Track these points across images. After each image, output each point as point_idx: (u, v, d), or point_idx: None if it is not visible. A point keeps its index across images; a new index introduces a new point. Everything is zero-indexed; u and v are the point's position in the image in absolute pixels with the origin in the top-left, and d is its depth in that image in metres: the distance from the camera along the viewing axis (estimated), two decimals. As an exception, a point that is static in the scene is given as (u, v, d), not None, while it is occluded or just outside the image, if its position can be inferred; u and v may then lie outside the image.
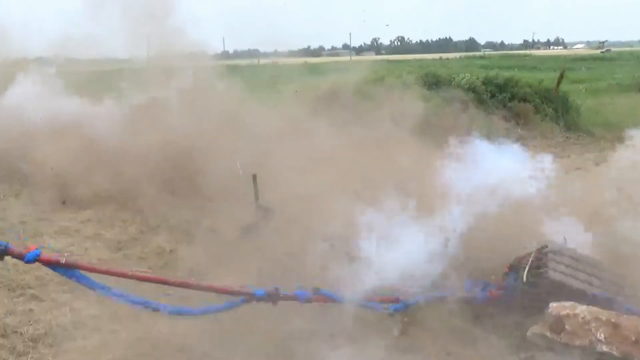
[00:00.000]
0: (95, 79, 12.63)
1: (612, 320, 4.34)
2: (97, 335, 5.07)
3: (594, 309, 4.55)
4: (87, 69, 13.61)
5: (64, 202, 9.21)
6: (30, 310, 5.60)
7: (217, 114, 10.27)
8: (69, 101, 11.57)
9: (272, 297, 4.90)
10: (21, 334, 5.10)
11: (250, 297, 4.89)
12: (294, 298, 5.01)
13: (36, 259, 4.53)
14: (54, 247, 7.44)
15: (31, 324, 5.30)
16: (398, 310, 5.25)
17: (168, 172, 9.41)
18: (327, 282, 5.43)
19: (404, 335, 5.02)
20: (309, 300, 5.04)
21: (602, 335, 4.29)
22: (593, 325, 4.34)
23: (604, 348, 4.27)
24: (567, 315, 4.44)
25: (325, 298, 5.09)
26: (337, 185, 7.64)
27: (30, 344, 4.94)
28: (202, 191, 8.57)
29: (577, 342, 4.35)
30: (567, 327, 4.41)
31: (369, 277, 5.29)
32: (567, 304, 4.61)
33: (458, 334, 4.98)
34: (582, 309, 4.49)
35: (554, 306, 4.57)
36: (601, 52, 63.97)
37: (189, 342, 4.92)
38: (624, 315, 4.45)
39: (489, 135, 13.52)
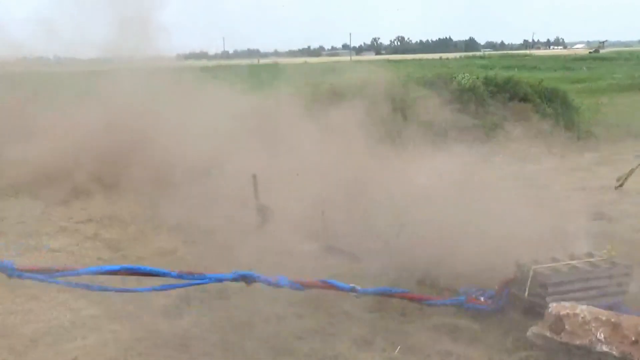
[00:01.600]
0: (78, 79, 12.61)
1: (612, 320, 4.34)
2: (97, 335, 5.06)
3: (594, 309, 4.55)
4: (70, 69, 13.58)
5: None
6: (30, 310, 5.59)
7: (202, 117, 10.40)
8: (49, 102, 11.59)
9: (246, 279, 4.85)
10: (21, 334, 5.09)
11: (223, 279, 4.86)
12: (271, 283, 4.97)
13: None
14: (53, 247, 7.45)
15: (31, 324, 5.29)
16: (365, 292, 5.28)
17: (167, 172, 9.43)
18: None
19: (405, 335, 5.01)
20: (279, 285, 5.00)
21: (602, 335, 4.29)
22: (593, 325, 4.34)
23: (604, 348, 4.27)
24: (567, 315, 4.44)
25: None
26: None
27: (30, 344, 4.93)
28: (202, 191, 8.58)
29: (577, 342, 4.34)
30: (567, 327, 4.41)
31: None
32: (567, 304, 4.61)
33: (458, 334, 4.98)
34: (582, 309, 4.49)
35: (554, 306, 4.57)
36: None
37: (189, 342, 4.92)
38: (624, 315, 4.45)
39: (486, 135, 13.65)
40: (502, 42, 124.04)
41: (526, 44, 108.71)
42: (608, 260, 5.50)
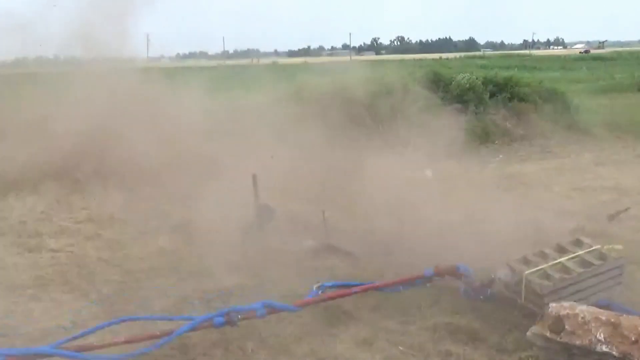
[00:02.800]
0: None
1: (612, 320, 4.34)
2: (97, 335, 5.05)
3: (594, 309, 4.55)
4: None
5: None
6: (30, 310, 5.59)
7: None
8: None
9: (231, 321, 4.85)
10: (21, 334, 5.09)
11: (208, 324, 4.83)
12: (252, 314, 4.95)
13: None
14: (53, 247, 7.44)
15: (31, 324, 5.29)
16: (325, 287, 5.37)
17: (166, 172, 9.45)
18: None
19: (405, 335, 5.02)
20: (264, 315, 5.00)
21: (602, 335, 4.29)
22: (593, 325, 4.34)
23: (604, 348, 4.26)
24: (567, 315, 4.44)
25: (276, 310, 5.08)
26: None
27: (30, 344, 4.93)
28: (202, 191, 8.58)
29: (577, 342, 4.34)
30: (566, 327, 4.40)
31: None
32: (567, 304, 4.61)
33: (458, 334, 4.98)
34: (581, 309, 4.49)
35: (554, 306, 4.57)
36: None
37: (189, 342, 4.92)
38: (624, 315, 4.45)
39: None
40: (502, 42, 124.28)
41: (526, 44, 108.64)
42: (598, 253, 5.45)
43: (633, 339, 4.21)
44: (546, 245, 5.64)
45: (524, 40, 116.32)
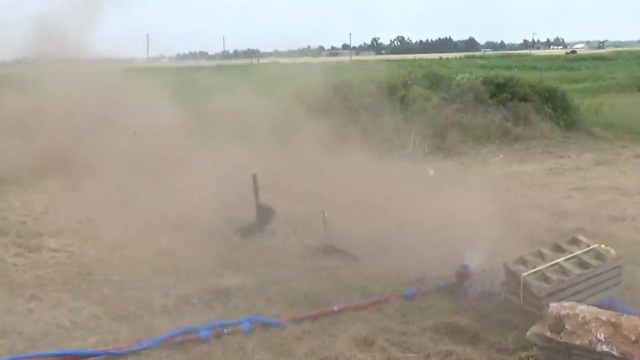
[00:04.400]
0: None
1: (612, 320, 4.33)
2: (97, 335, 5.06)
3: (594, 308, 4.55)
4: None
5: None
6: (30, 310, 5.59)
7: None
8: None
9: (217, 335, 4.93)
10: (21, 334, 5.09)
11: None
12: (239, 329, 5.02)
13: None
14: (53, 247, 7.44)
15: (31, 324, 5.28)
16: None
17: (165, 172, 9.44)
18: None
19: (405, 335, 5.02)
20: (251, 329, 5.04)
21: (602, 335, 4.28)
22: (593, 325, 4.33)
23: (604, 348, 4.26)
24: (567, 315, 4.44)
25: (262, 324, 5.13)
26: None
27: (30, 344, 4.93)
28: (201, 190, 8.58)
29: (577, 342, 4.34)
30: (567, 327, 4.40)
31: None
32: (567, 304, 4.60)
33: (458, 334, 4.98)
34: (582, 309, 4.49)
35: (554, 306, 4.57)
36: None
37: (189, 342, 4.91)
38: (624, 315, 4.45)
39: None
40: (502, 42, 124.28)
41: (526, 44, 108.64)
42: (596, 252, 5.39)
43: (633, 339, 4.21)
44: (543, 245, 5.62)
45: (524, 40, 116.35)
